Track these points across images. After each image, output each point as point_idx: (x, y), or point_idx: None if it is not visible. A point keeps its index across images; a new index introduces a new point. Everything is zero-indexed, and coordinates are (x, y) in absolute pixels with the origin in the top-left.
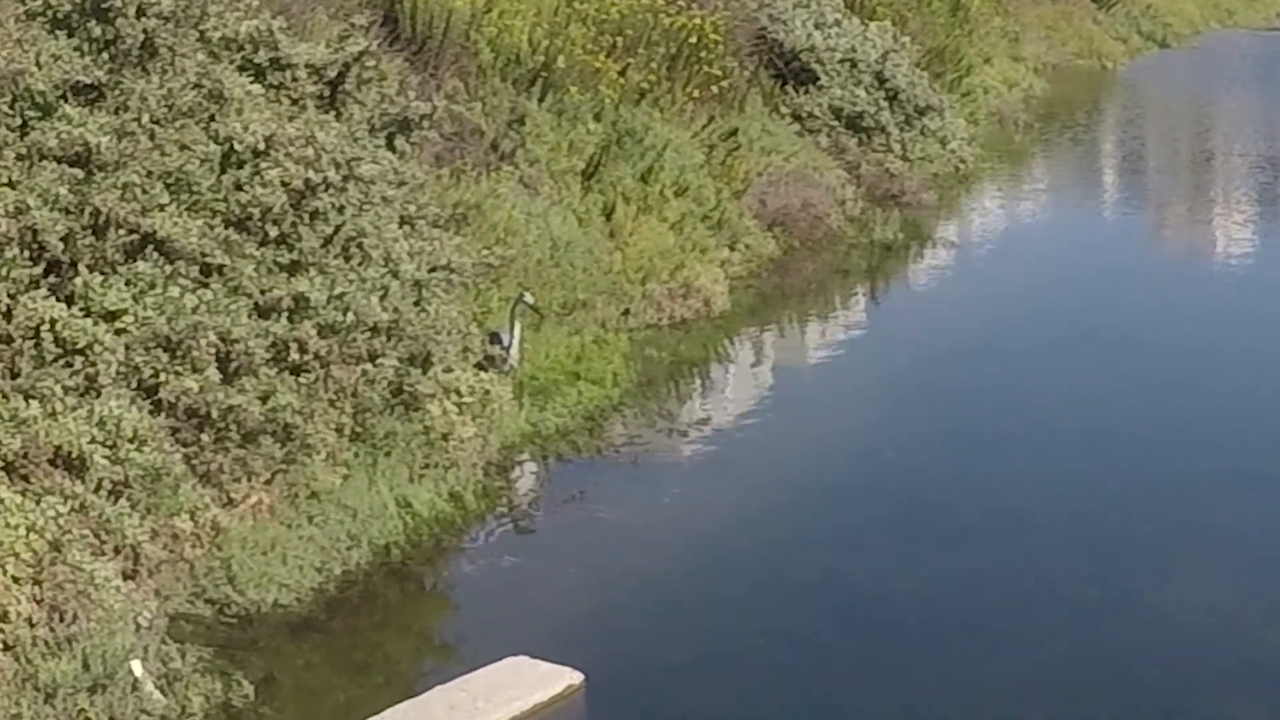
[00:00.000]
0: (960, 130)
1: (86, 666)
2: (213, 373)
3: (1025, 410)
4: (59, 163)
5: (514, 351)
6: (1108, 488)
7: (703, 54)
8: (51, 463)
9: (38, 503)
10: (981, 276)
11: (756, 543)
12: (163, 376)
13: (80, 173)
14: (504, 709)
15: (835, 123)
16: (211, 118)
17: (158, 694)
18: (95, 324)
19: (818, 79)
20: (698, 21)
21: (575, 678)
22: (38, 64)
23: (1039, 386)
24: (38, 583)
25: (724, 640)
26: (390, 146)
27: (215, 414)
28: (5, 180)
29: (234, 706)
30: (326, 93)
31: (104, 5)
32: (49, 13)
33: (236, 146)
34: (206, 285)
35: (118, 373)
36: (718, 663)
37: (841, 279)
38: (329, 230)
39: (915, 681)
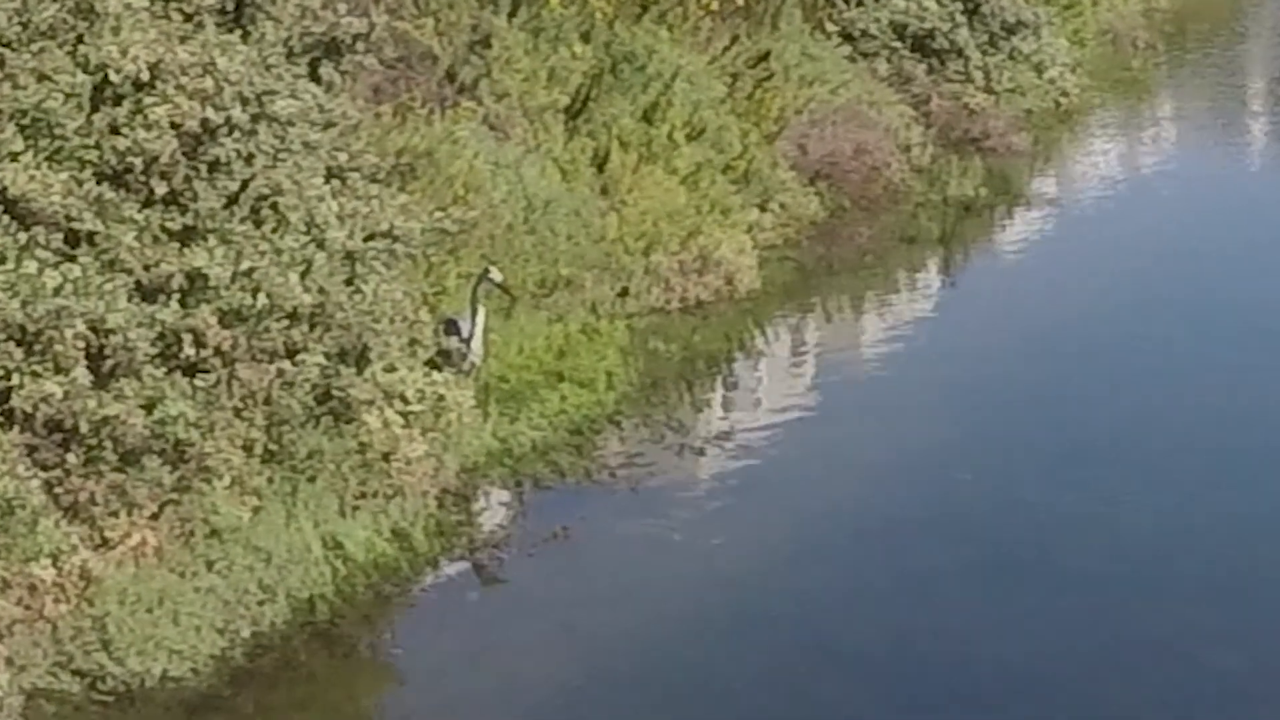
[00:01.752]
0: (1061, 53)
1: None
2: (81, 373)
3: (1141, 423)
4: None
5: (476, 345)
6: (1248, 522)
7: None
8: None
9: None
10: (1088, 247)
11: (792, 595)
12: (15, 378)
13: None
14: None
15: (898, 44)
16: (79, 39)
17: None
18: None
19: None
20: None
21: None
22: None
23: (1158, 393)
24: None
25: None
26: (314, 77)
27: (85, 427)
28: None
29: None
30: (230, 6)
31: None
32: None
33: (112, 77)
34: (73, 259)
35: None
36: None
37: (906, 249)
38: (233, 186)
39: None
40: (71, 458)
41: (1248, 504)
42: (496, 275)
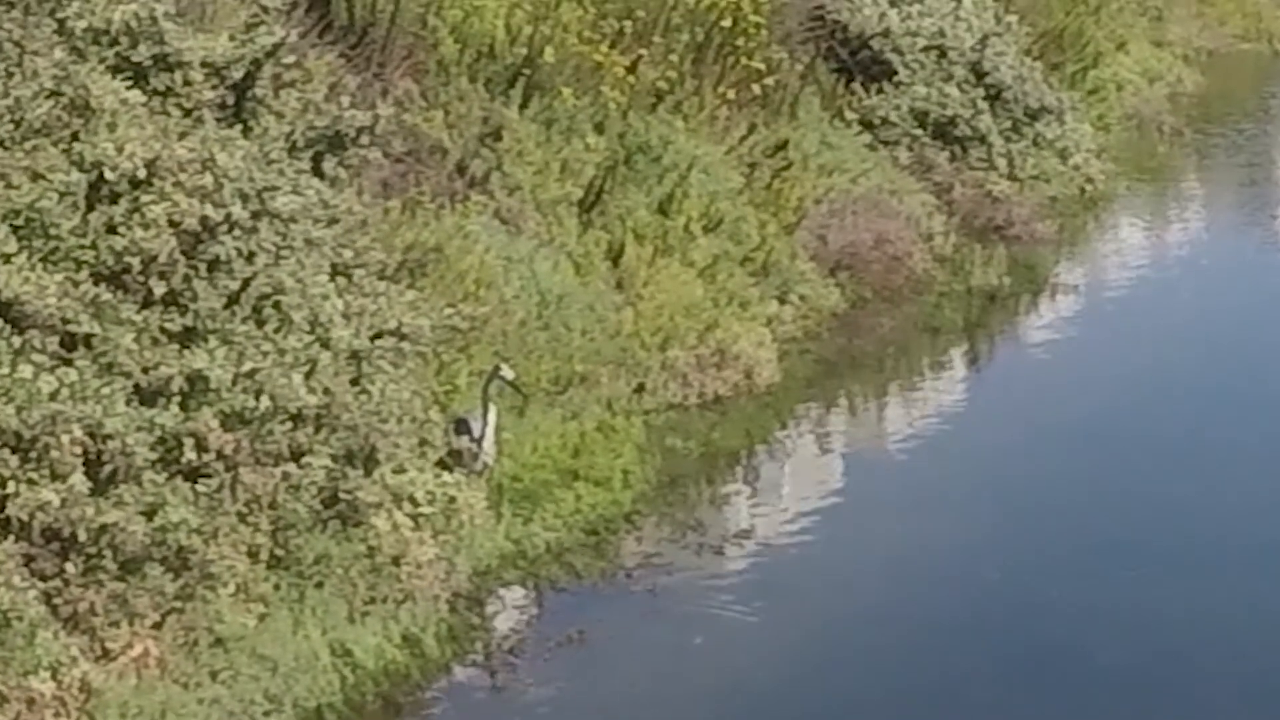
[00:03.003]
0: (1086, 139)
1: None
2: (79, 480)
3: (1174, 517)
4: None
5: (488, 444)
6: None
7: (740, 41)
8: None
9: None
10: (1116, 336)
11: (817, 702)
12: (11, 486)
13: None
14: None
15: (919, 131)
16: (74, 136)
17: None
18: None
19: (894, 73)
20: None
21: None
22: None
23: (1191, 486)
24: None
25: None
26: (318, 171)
27: (83, 535)
28: None
29: None
30: (230, 100)
31: None
32: None
33: (108, 175)
34: (69, 362)
35: None
36: None
37: (930, 340)
38: (234, 285)
39: None
40: (70, 567)
41: None
42: (508, 373)
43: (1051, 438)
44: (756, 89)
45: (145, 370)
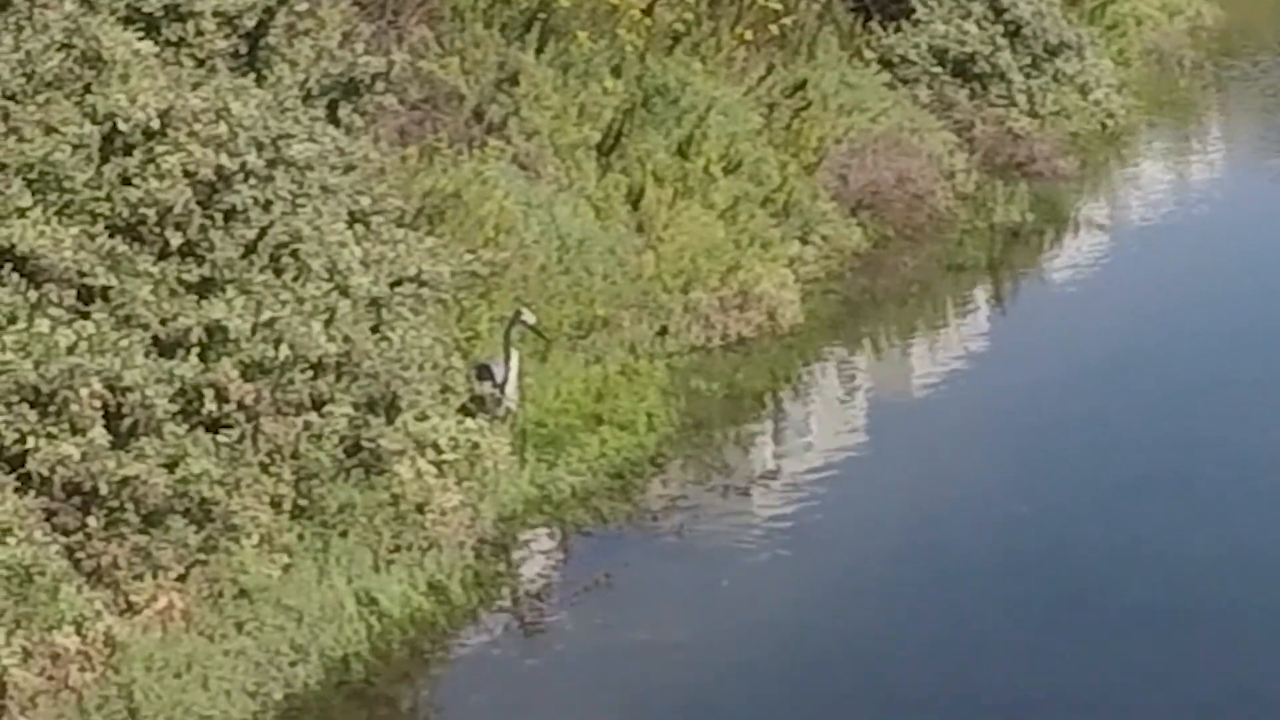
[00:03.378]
0: (1106, 74)
1: None
2: (99, 434)
3: (1201, 454)
4: None
5: (511, 389)
6: None
7: None
8: None
9: None
10: (1139, 272)
11: (846, 642)
12: (31, 441)
13: None
14: None
15: (938, 69)
16: (87, 88)
17: None
18: None
19: (912, 11)
20: None
21: None
22: None
23: (1218, 422)
24: None
25: None
26: (333, 119)
27: (105, 489)
28: None
29: None
30: (244, 49)
31: None
32: None
33: (121, 126)
34: (86, 315)
35: None
36: None
37: (953, 278)
38: (251, 235)
39: None
40: (92, 521)
41: None
42: (530, 317)
43: (1077, 374)
44: (774, 29)
45: (163, 322)
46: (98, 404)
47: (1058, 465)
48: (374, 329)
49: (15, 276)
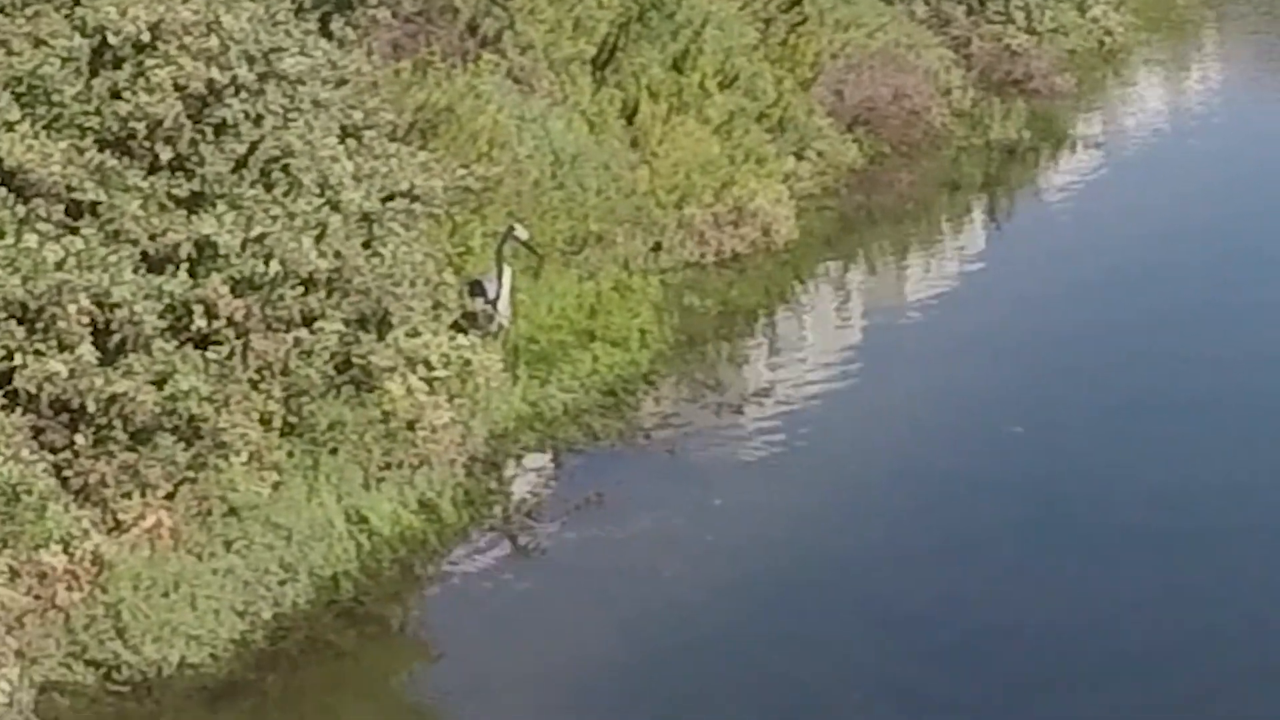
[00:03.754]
0: None
1: None
2: (87, 350)
3: (1195, 371)
4: None
5: (503, 306)
6: None
7: None
8: None
9: None
10: (1135, 189)
11: (839, 558)
12: (18, 358)
13: None
14: None
15: None
16: (76, 1)
17: None
18: None
19: None
20: None
21: None
22: None
23: (1212, 339)
24: None
25: (795, 701)
26: (325, 32)
27: (92, 406)
28: None
29: None
30: None
31: None
32: None
33: (111, 39)
34: (75, 231)
35: None
36: None
37: (949, 195)
38: (241, 149)
39: None
40: (80, 439)
41: None
42: (522, 233)
43: (1072, 292)
44: None
45: (152, 237)
46: (86, 320)
47: (1052, 383)
48: (365, 244)
49: (3, 191)
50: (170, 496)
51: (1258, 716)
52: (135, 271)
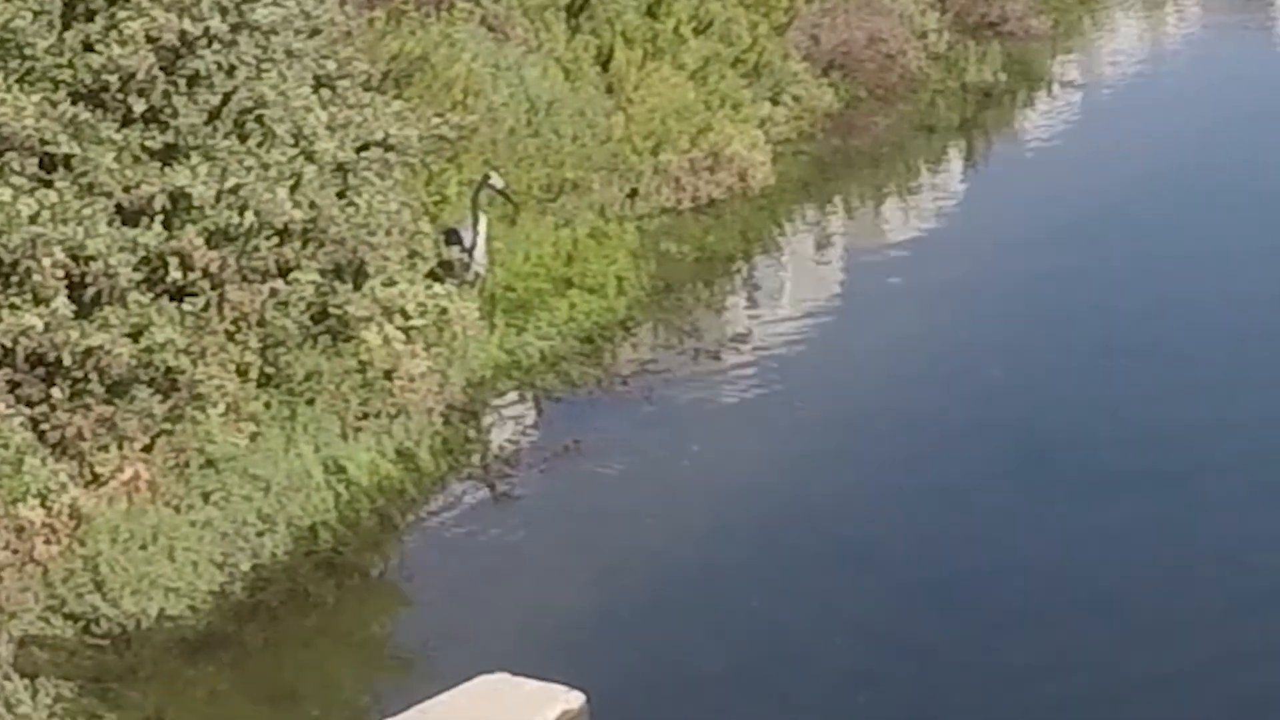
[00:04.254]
0: None
1: None
2: (62, 304)
3: (1175, 312)
4: None
5: (479, 254)
6: None
7: None
8: None
9: None
10: (1112, 131)
11: (817, 504)
12: None
13: None
14: None
15: None
16: None
17: None
18: None
19: None
20: None
21: (573, 700)
22: None
23: (1191, 280)
24: None
25: (774, 646)
26: None
27: (68, 360)
28: None
29: None
30: None
31: None
32: None
33: None
34: (49, 184)
35: None
36: (767, 677)
37: (925, 138)
38: (215, 100)
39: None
40: (56, 392)
41: None
42: (498, 181)
43: (1050, 235)
44: None
45: (127, 189)
46: (61, 273)
47: (1029, 327)
48: (340, 194)
49: None
50: (148, 449)
51: (1235, 650)
52: (110, 224)
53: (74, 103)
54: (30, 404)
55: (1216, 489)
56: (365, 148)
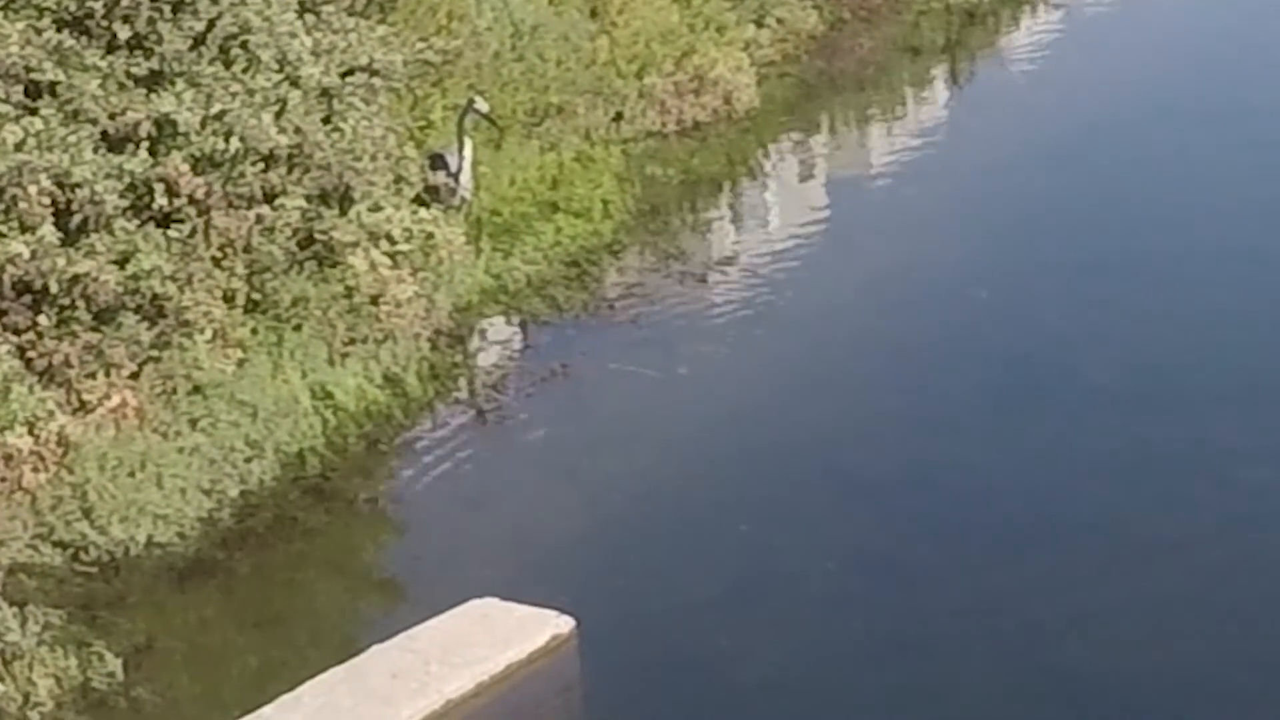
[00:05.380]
0: None
1: None
2: (49, 231)
3: (1160, 233)
4: None
5: (465, 178)
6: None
7: None
8: None
9: None
10: (1098, 52)
11: (807, 427)
12: None
13: None
14: (467, 671)
15: None
16: None
17: None
18: None
19: None
20: None
21: (563, 624)
22: None
23: (1177, 201)
24: None
25: (764, 570)
26: None
27: (55, 287)
28: None
29: (96, 689)
30: None
31: None
32: None
33: None
34: (34, 111)
35: None
36: (757, 601)
37: (910, 59)
38: (199, 26)
39: (1035, 621)
40: (43, 319)
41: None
42: (483, 106)
43: (1034, 157)
44: None
45: (112, 116)
46: (47, 201)
47: (1017, 248)
48: (325, 120)
49: None
50: (135, 376)
51: (1224, 571)
52: (95, 151)
53: (59, 30)
54: (17, 332)
55: (1206, 409)
56: (350, 73)
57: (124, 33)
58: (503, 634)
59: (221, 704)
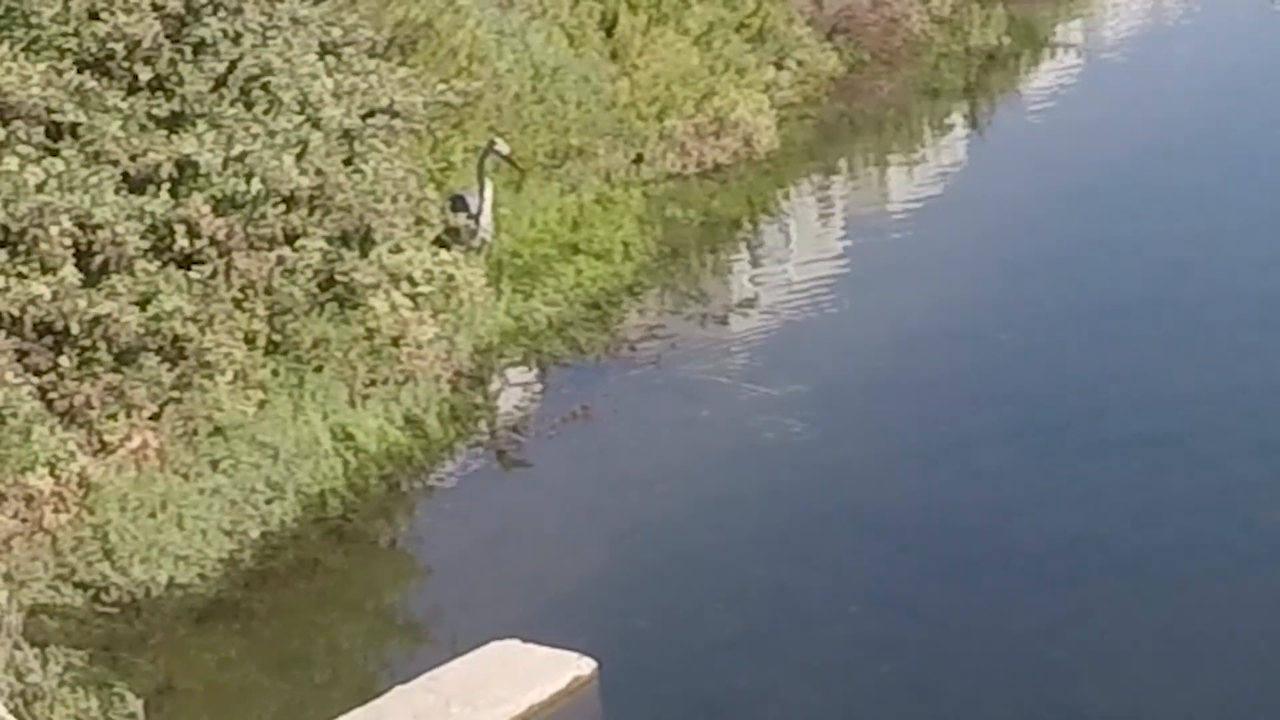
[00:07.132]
0: None
1: None
2: (70, 272)
3: (1182, 275)
4: None
5: (485, 220)
6: None
7: None
8: None
9: None
10: (1117, 94)
11: (828, 468)
12: (1, 280)
13: None
14: (489, 713)
15: None
16: None
17: None
18: None
19: None
20: None
21: (585, 666)
22: None
23: (1198, 243)
24: None
25: (785, 611)
26: None
27: (76, 328)
28: None
29: None
30: None
31: None
32: None
33: None
34: (56, 152)
35: None
36: (778, 643)
37: (930, 102)
38: (221, 68)
39: (1057, 661)
40: (64, 361)
41: None
42: (503, 147)
43: (1054, 198)
44: None
45: (133, 157)
46: (68, 242)
47: (1037, 291)
48: (346, 161)
49: None
50: (156, 417)
51: (1244, 609)
52: (117, 192)
53: (80, 71)
54: (38, 373)
55: (1229, 450)
56: (371, 114)
57: (145, 74)
58: (524, 675)
59: None
